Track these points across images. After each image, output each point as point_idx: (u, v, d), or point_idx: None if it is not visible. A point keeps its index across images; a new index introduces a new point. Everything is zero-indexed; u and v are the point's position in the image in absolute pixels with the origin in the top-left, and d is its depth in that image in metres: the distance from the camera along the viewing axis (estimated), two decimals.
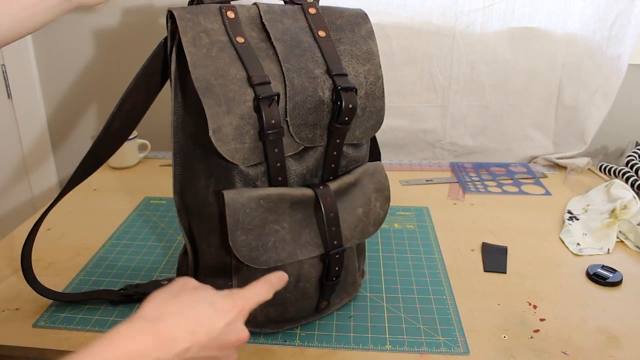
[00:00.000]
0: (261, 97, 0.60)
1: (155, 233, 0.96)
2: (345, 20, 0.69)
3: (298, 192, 0.64)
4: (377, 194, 0.71)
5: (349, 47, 0.68)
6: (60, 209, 0.73)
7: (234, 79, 0.60)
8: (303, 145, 0.65)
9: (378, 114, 0.70)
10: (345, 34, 0.68)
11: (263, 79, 0.61)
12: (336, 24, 0.68)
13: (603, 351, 0.67)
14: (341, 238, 0.67)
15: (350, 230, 0.68)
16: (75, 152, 1.44)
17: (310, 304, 0.70)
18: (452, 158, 1.34)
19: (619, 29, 1.15)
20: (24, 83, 1.36)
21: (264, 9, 0.66)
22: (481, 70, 1.23)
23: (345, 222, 0.68)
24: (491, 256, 0.89)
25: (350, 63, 0.67)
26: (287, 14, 0.67)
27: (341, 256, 0.68)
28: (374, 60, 0.69)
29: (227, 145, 0.60)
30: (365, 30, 0.70)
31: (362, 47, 0.68)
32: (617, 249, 0.91)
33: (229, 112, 0.60)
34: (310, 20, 0.67)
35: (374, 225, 0.72)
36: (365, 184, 0.70)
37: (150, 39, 0.67)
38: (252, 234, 0.62)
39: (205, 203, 0.66)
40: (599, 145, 1.34)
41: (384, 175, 0.72)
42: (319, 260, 0.68)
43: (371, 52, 0.69)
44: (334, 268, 0.68)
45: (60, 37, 1.32)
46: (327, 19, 0.68)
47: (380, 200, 0.72)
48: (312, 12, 0.68)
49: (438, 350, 0.67)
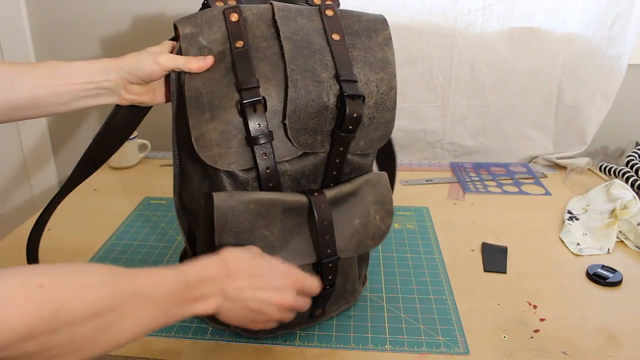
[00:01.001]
0: (244, 102, 0.59)
1: (155, 233, 0.96)
2: (362, 25, 0.66)
3: (291, 198, 0.63)
4: (377, 206, 0.69)
5: (363, 53, 0.65)
6: (60, 209, 0.73)
7: (223, 86, 0.60)
8: (302, 150, 0.63)
9: (387, 126, 0.67)
10: (361, 40, 0.65)
11: (250, 84, 0.60)
12: (353, 29, 0.66)
13: (603, 351, 0.67)
14: (335, 247, 0.65)
15: (344, 241, 0.66)
16: (76, 152, 1.44)
17: (304, 311, 0.69)
18: (452, 158, 1.34)
19: (619, 29, 1.15)
20: None
21: (278, 7, 0.64)
22: (481, 70, 1.23)
23: (340, 231, 0.66)
24: (491, 256, 0.89)
25: (362, 70, 0.64)
26: (303, 14, 0.65)
27: (335, 265, 0.66)
28: (389, 69, 0.65)
29: (210, 151, 0.60)
30: (382, 37, 0.67)
31: (377, 54, 0.65)
32: (617, 249, 0.91)
33: (213, 119, 0.60)
34: (326, 22, 0.65)
35: (373, 238, 0.69)
36: (365, 195, 0.68)
37: (150, 44, 0.67)
38: (240, 237, 0.61)
39: (199, 205, 0.65)
40: (599, 145, 1.34)
41: (387, 188, 0.69)
42: (312, 268, 0.66)
43: (386, 61, 0.66)
44: (327, 277, 0.67)
45: (60, 38, 1.32)
46: (344, 23, 0.66)
47: (381, 213, 0.69)
48: (329, 14, 0.65)
49: (438, 350, 0.67)
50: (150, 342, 0.69)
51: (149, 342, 0.69)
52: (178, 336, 0.70)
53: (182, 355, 0.67)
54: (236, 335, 0.70)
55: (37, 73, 0.60)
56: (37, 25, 1.32)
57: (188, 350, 0.68)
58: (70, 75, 0.61)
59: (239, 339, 0.70)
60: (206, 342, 0.69)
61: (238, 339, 0.69)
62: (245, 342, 0.69)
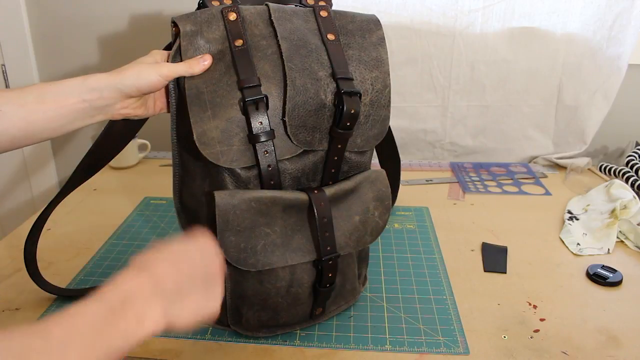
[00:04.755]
0: (247, 100, 0.60)
1: (155, 233, 0.96)
2: (356, 25, 0.68)
3: (291, 195, 0.63)
4: (376, 202, 0.70)
5: (358, 52, 0.66)
6: (60, 209, 0.73)
7: (225, 84, 0.61)
8: (301, 148, 0.64)
9: (382, 123, 0.68)
10: (355, 39, 0.67)
11: (252, 82, 0.60)
12: (347, 29, 0.67)
13: (603, 351, 0.67)
14: (335, 244, 0.66)
15: (345, 238, 0.67)
16: (76, 152, 1.44)
17: (304, 309, 0.69)
18: (452, 158, 1.34)
19: (619, 29, 1.15)
20: (24, 83, 1.36)
21: (274, 8, 0.65)
22: (481, 70, 1.23)
23: (339, 229, 0.66)
24: (491, 256, 0.89)
25: (357, 68, 0.65)
26: (298, 15, 0.66)
27: (335, 263, 0.67)
28: (383, 68, 0.67)
29: (212, 149, 0.60)
30: (376, 36, 0.68)
31: (371, 53, 0.67)
32: (617, 249, 0.91)
33: (215, 117, 0.60)
34: (321, 22, 0.66)
35: (371, 234, 0.70)
36: (364, 192, 0.69)
37: (149, 43, 0.67)
38: (242, 235, 0.61)
39: (200, 204, 0.66)
40: (599, 145, 1.34)
41: (385, 184, 0.71)
42: (312, 265, 0.66)
43: (380, 60, 0.67)
44: (327, 274, 0.67)
45: (60, 38, 1.32)
46: (338, 23, 0.67)
47: (380, 209, 0.70)
48: (323, 15, 0.67)
49: (438, 350, 0.67)
50: (150, 342, 0.69)
51: (149, 342, 0.69)
52: (178, 336, 0.70)
53: (182, 355, 0.67)
54: (236, 335, 0.70)
55: (26, 99, 0.56)
56: (37, 25, 1.32)
57: (188, 350, 0.68)
58: (61, 96, 0.57)
59: (239, 338, 0.69)
60: (206, 342, 0.69)
61: (238, 339, 0.69)
62: (245, 342, 0.69)
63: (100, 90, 0.59)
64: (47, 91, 0.57)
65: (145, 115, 0.66)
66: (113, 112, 0.62)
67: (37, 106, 0.57)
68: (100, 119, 0.61)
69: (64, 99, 0.58)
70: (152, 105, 0.66)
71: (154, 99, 0.66)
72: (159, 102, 0.67)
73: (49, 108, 0.57)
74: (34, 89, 0.58)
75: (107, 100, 0.60)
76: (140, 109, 0.65)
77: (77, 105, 0.58)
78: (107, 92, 0.59)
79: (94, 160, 0.71)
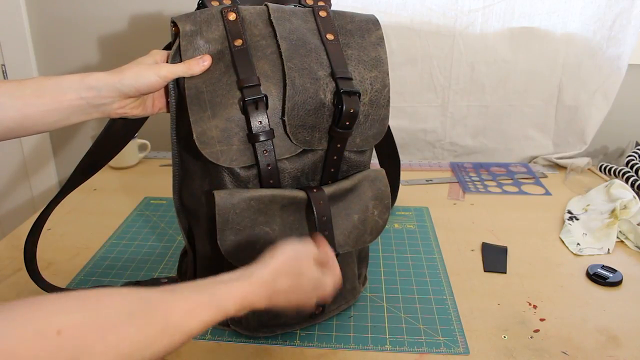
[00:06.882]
0: (247, 99, 0.60)
1: (155, 233, 0.96)
2: (355, 25, 0.68)
3: (290, 194, 0.63)
4: (375, 201, 0.70)
5: (357, 52, 0.67)
6: (60, 209, 0.73)
7: (224, 84, 0.61)
8: (301, 147, 0.64)
9: (381, 122, 0.68)
10: (354, 39, 0.67)
11: (251, 81, 0.60)
12: (346, 29, 0.68)
13: (603, 351, 0.67)
14: (334, 243, 0.66)
15: (344, 237, 0.67)
16: (76, 152, 1.44)
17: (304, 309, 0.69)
18: (452, 158, 1.34)
19: (619, 29, 1.15)
20: None
21: (273, 8, 0.65)
22: (481, 71, 1.23)
23: (338, 227, 0.67)
24: (491, 256, 0.89)
25: (356, 68, 0.66)
26: (297, 15, 0.66)
27: None
28: (382, 67, 0.68)
29: (212, 148, 0.60)
30: (375, 36, 0.69)
31: (370, 53, 0.67)
32: (617, 249, 0.91)
33: (214, 116, 0.60)
34: (320, 22, 0.67)
35: (370, 233, 0.70)
36: (363, 191, 0.69)
37: (149, 43, 0.67)
38: (242, 234, 0.62)
39: (200, 203, 0.66)
40: (599, 145, 1.34)
41: (384, 183, 0.71)
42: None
43: (379, 59, 0.68)
44: None
45: (60, 38, 1.32)
46: (337, 23, 0.67)
47: (379, 208, 0.70)
48: (322, 15, 0.67)
49: (438, 350, 0.67)
50: None
51: None
52: None
53: (182, 355, 0.67)
54: (236, 335, 0.70)
55: (24, 91, 0.56)
56: (37, 25, 1.32)
57: (188, 350, 0.68)
58: (59, 91, 0.57)
59: (239, 338, 0.69)
60: (206, 342, 0.69)
61: (238, 339, 0.69)
62: (245, 342, 0.69)
63: (99, 89, 0.59)
64: (45, 85, 0.57)
65: (143, 114, 0.66)
66: (110, 110, 0.61)
67: (34, 100, 0.56)
68: (96, 117, 0.61)
69: (62, 94, 0.57)
70: (150, 105, 0.66)
71: (153, 98, 0.66)
72: (158, 102, 0.67)
73: (46, 102, 0.57)
74: (32, 82, 0.57)
75: (104, 99, 0.59)
76: (138, 109, 0.65)
77: (74, 101, 0.58)
78: (105, 91, 0.59)
79: (93, 160, 0.71)
